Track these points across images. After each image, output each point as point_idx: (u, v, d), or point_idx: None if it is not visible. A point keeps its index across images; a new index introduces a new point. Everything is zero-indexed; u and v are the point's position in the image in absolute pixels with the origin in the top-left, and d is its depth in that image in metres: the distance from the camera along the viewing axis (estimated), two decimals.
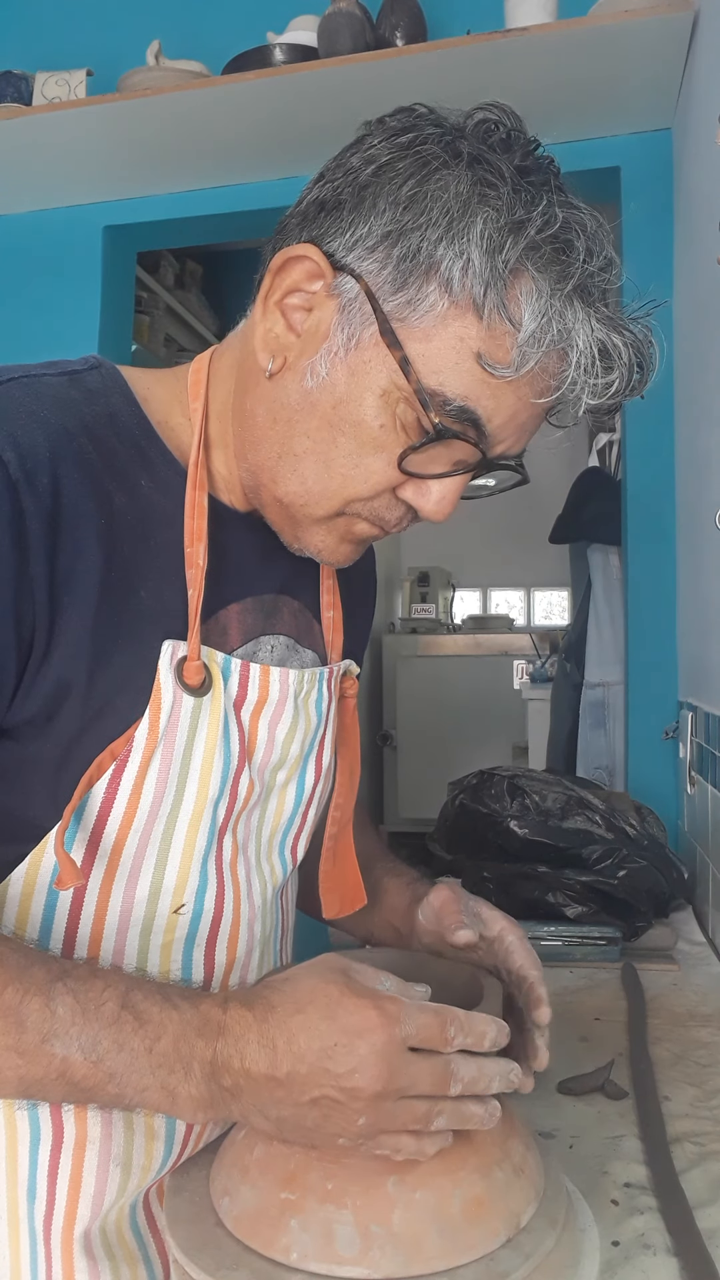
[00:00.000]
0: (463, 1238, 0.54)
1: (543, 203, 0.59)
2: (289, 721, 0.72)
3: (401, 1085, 0.52)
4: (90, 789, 0.62)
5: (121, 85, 1.93)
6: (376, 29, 1.82)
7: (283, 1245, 0.54)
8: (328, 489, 0.64)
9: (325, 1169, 0.55)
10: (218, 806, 0.67)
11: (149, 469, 0.66)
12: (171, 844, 0.66)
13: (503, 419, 0.61)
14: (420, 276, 0.59)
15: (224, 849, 0.69)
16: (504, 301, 0.58)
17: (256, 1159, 0.58)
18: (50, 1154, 0.66)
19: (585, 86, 1.81)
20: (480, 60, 1.72)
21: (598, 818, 1.41)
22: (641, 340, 0.61)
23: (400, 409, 0.61)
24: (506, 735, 4.44)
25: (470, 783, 1.54)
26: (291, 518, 0.67)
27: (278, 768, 0.73)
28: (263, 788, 0.72)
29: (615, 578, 2.69)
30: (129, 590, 0.62)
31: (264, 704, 0.70)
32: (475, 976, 0.66)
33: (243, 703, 0.68)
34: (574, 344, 0.59)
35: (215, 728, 0.66)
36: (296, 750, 0.74)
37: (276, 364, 0.64)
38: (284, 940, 0.81)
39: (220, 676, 0.66)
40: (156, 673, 0.63)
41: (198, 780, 0.66)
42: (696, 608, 1.70)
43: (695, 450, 1.69)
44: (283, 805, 0.75)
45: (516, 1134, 0.61)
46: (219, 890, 0.69)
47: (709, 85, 1.54)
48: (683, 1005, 1.13)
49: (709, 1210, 0.70)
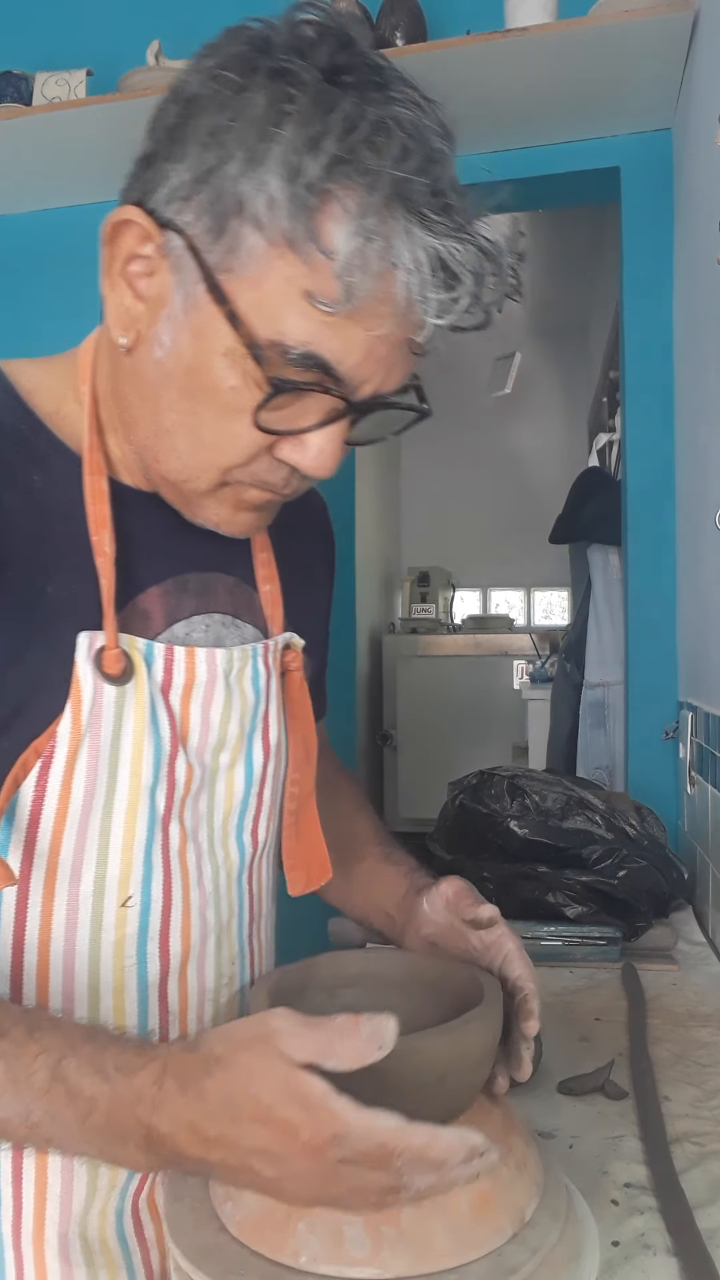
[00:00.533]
0: (471, 1235, 0.54)
1: (345, 106, 0.52)
2: (222, 701, 0.69)
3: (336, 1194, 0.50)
4: (18, 789, 0.61)
5: (121, 85, 1.93)
6: (376, 29, 1.82)
7: (291, 1249, 0.53)
8: (202, 461, 0.62)
9: None
10: (155, 794, 0.65)
11: (39, 463, 0.63)
12: (110, 837, 0.64)
13: (357, 357, 0.57)
14: (234, 219, 0.54)
15: (170, 837, 0.67)
16: (314, 230, 0.52)
17: None
18: (11, 1160, 0.65)
19: (585, 86, 1.81)
20: (480, 60, 1.72)
21: (598, 818, 1.41)
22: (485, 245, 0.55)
23: (249, 368, 0.57)
24: (506, 735, 4.45)
25: (470, 783, 1.54)
26: (181, 494, 0.65)
27: (218, 750, 0.70)
28: (204, 771, 0.70)
29: (615, 578, 2.69)
30: (33, 589, 0.61)
31: (192, 686, 0.67)
32: (474, 977, 0.66)
33: (170, 687, 0.66)
34: (401, 262, 0.53)
35: (142, 714, 0.64)
36: (236, 730, 0.71)
37: (130, 338, 0.61)
38: (254, 926, 0.77)
39: (143, 663, 0.64)
40: (74, 666, 0.61)
41: (129, 769, 0.64)
42: (696, 608, 1.70)
43: (695, 450, 1.69)
44: (232, 788, 0.72)
45: (516, 1130, 0.61)
46: (165, 879, 0.67)
47: (709, 85, 1.54)
48: (683, 1005, 1.13)
49: (709, 1210, 0.70)
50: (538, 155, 2.04)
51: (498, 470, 5.65)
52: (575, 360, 5.45)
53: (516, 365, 4.60)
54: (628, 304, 2.02)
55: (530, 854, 1.40)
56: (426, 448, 5.79)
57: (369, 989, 0.70)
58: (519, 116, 1.91)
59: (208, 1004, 0.71)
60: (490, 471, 5.67)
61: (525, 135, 1.99)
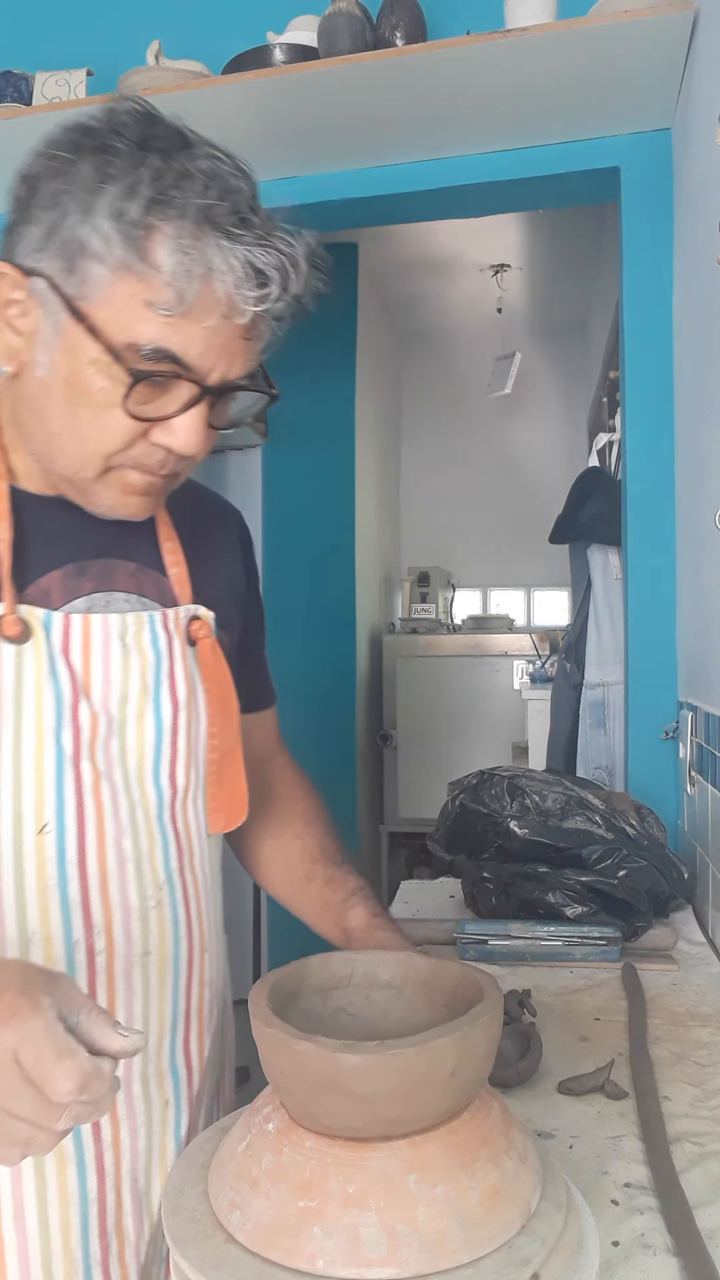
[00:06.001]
0: (483, 1228, 0.55)
1: (154, 162, 0.68)
2: (120, 658, 0.81)
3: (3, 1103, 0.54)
4: None
5: (121, 85, 1.93)
6: (376, 29, 1.82)
7: (307, 1254, 0.53)
8: (85, 452, 0.75)
9: (344, 1173, 0.55)
10: (60, 736, 0.78)
11: None
12: (21, 770, 0.76)
13: (199, 348, 0.71)
14: (79, 259, 0.69)
15: (83, 774, 0.79)
16: (144, 254, 0.68)
17: (266, 1170, 0.57)
18: None
19: (585, 86, 1.81)
20: (480, 60, 1.72)
21: (598, 818, 1.41)
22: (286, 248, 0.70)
23: (113, 370, 0.71)
24: (506, 735, 4.44)
25: (470, 783, 1.54)
26: (77, 487, 0.79)
27: (123, 701, 0.82)
28: (110, 719, 0.81)
29: (615, 578, 2.69)
30: None
31: (89, 646, 0.80)
32: (468, 975, 0.66)
33: (68, 648, 0.79)
34: (215, 267, 0.68)
35: (41, 668, 0.77)
36: (138, 684, 0.83)
37: (14, 366, 0.75)
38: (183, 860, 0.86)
39: (41, 628, 0.78)
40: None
41: (34, 713, 0.77)
42: (696, 608, 1.70)
43: (695, 450, 1.69)
44: (142, 735, 0.83)
45: (514, 1123, 0.62)
46: (79, 809, 0.79)
47: (709, 85, 1.54)
48: (683, 1005, 1.13)
49: (709, 1210, 0.70)
50: (538, 155, 2.04)
51: (498, 470, 5.64)
52: (575, 360, 5.45)
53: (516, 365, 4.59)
54: (628, 304, 2.02)
55: (530, 854, 1.40)
56: (426, 448, 5.79)
57: (360, 989, 0.70)
58: (519, 116, 1.91)
59: (134, 921, 0.82)
60: (490, 471, 5.66)
61: (525, 135, 1.99)
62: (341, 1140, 0.56)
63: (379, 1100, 0.55)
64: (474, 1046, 0.57)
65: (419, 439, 5.83)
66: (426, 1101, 0.56)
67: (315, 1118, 0.57)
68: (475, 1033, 0.57)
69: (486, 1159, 0.57)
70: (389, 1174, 0.55)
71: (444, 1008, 0.68)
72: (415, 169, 2.10)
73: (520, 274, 4.70)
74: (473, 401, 5.23)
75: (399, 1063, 0.54)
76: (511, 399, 4.90)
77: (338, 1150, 0.56)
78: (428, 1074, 0.55)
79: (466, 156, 2.07)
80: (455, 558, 5.56)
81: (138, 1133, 0.81)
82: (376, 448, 5.01)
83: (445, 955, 1.05)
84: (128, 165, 0.68)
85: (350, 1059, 0.54)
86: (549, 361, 5.54)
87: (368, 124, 1.94)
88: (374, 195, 2.12)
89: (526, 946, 1.30)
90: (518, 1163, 0.59)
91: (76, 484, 0.78)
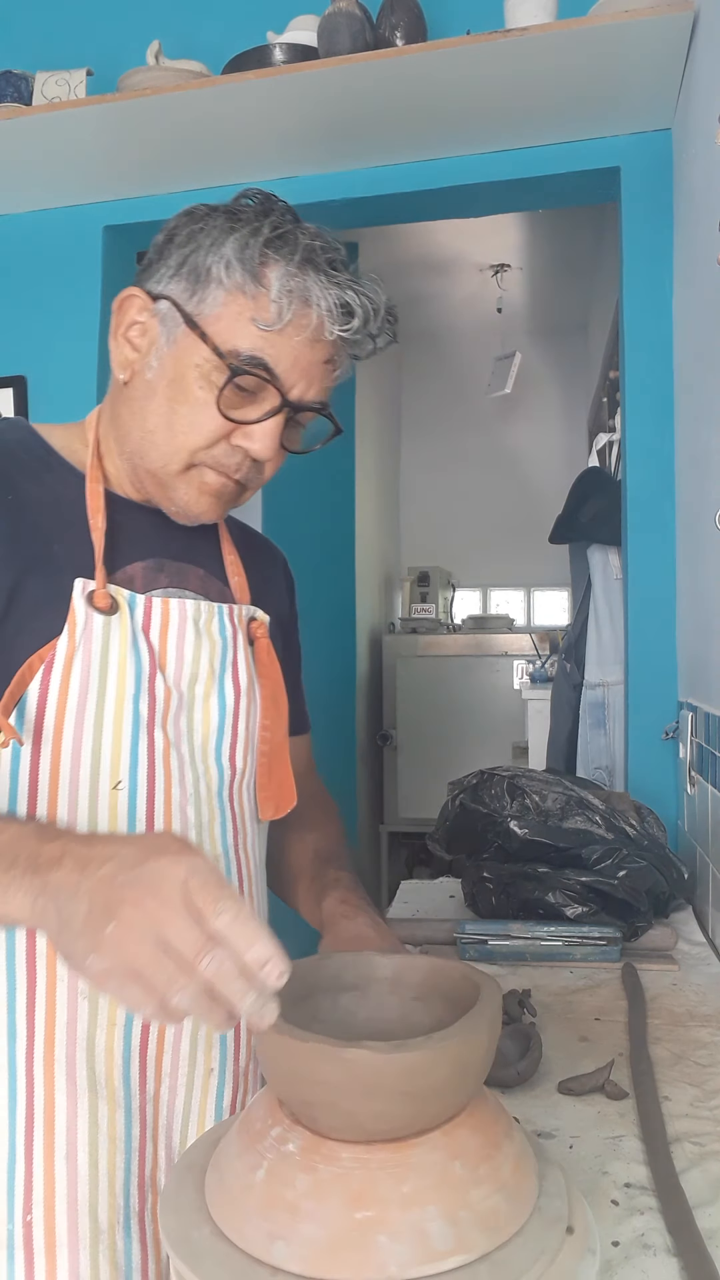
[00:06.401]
0: (519, 1196, 0.57)
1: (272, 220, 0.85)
2: (193, 640, 0.90)
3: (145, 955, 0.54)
4: (26, 689, 0.81)
5: (121, 85, 1.93)
6: (376, 29, 1.82)
7: (377, 1264, 0.52)
8: (175, 446, 0.87)
9: (394, 1174, 0.55)
10: (139, 702, 0.85)
11: (52, 471, 0.90)
12: (103, 729, 0.83)
13: (287, 363, 0.84)
14: (203, 283, 0.84)
15: (155, 740, 0.86)
16: (257, 278, 0.83)
17: (304, 1191, 0.55)
18: (26, 994, 0.80)
19: (585, 87, 1.81)
20: (480, 60, 1.72)
21: (598, 818, 1.41)
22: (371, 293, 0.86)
23: (213, 375, 0.84)
24: (506, 735, 4.44)
25: (470, 783, 1.54)
26: (160, 482, 0.89)
27: (193, 681, 0.90)
28: (181, 696, 0.89)
29: (615, 578, 2.69)
30: (43, 544, 0.85)
31: (167, 626, 0.89)
32: (467, 977, 0.66)
33: (149, 627, 0.88)
34: (312, 296, 0.83)
35: (125, 640, 0.85)
36: (207, 666, 0.91)
37: (127, 375, 0.89)
38: (238, 839, 0.93)
39: (126, 606, 0.86)
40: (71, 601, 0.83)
41: (116, 678, 0.84)
42: (696, 608, 1.70)
43: (695, 450, 1.69)
44: (208, 714, 0.91)
45: (503, 1109, 0.64)
46: (150, 771, 0.85)
47: (709, 85, 1.54)
48: (683, 1005, 1.13)
49: (709, 1210, 0.70)
50: (538, 155, 2.04)
51: (498, 470, 5.64)
52: (575, 360, 5.45)
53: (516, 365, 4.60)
54: (628, 304, 2.02)
55: (530, 854, 1.40)
56: (426, 448, 5.79)
57: (328, 994, 0.69)
58: (519, 116, 1.91)
59: None
60: (490, 471, 5.66)
61: (525, 135, 1.99)
62: (379, 1144, 0.56)
63: (430, 1095, 0.56)
64: (478, 1047, 0.58)
65: (419, 439, 5.83)
66: (467, 1090, 0.58)
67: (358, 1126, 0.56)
68: (479, 1033, 0.58)
69: (504, 1132, 0.60)
70: (437, 1166, 0.55)
71: (414, 1000, 0.68)
72: (415, 169, 2.10)
73: (520, 274, 4.70)
74: (473, 401, 5.24)
75: (450, 1054, 0.55)
76: (511, 399, 4.91)
77: (379, 1154, 0.56)
78: (470, 1062, 0.57)
79: (466, 156, 2.07)
80: (455, 558, 5.56)
81: (177, 1091, 0.85)
82: (376, 448, 5.01)
83: (445, 955, 1.05)
84: (252, 218, 0.85)
85: (408, 1057, 0.54)
86: (549, 361, 5.54)
87: (368, 124, 1.94)
88: (374, 195, 2.12)
89: (526, 946, 1.30)
90: (520, 1134, 0.62)
91: (161, 478, 0.89)
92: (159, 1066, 0.84)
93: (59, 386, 2.27)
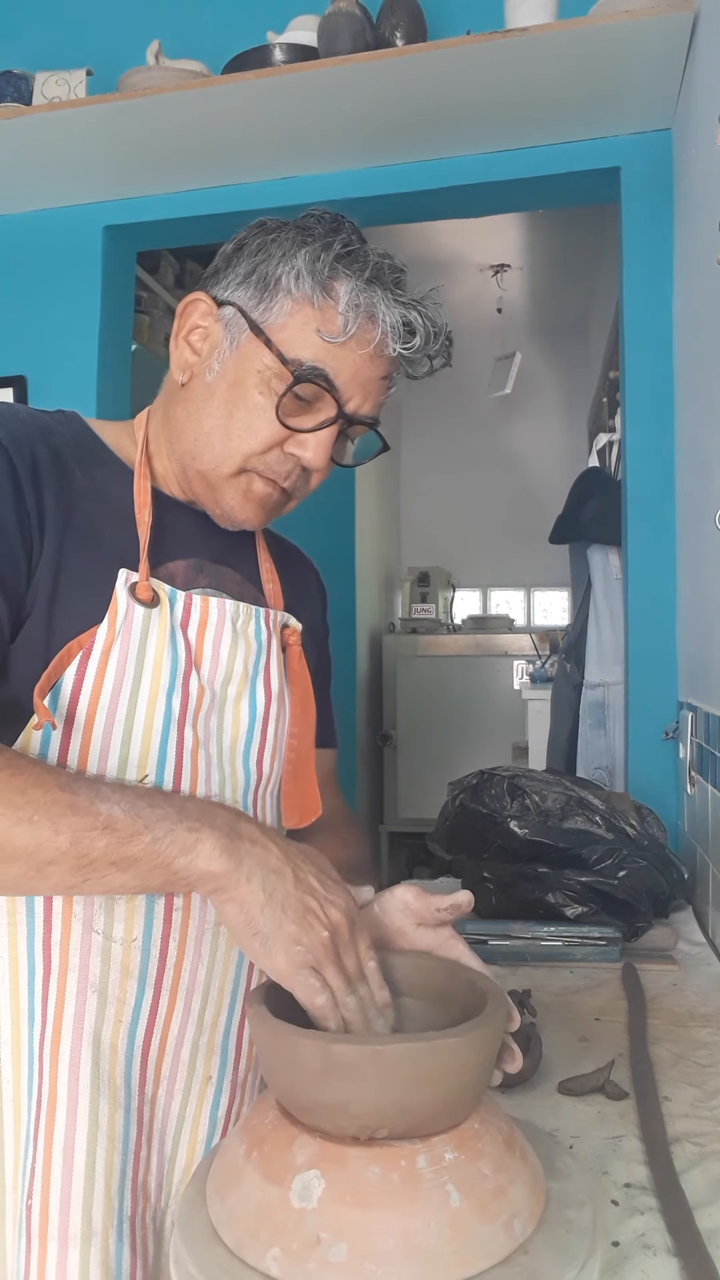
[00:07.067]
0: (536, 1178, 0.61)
1: (342, 237, 0.87)
2: (229, 641, 0.91)
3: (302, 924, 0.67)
4: (63, 673, 0.81)
5: (121, 85, 1.93)
6: (376, 29, 1.82)
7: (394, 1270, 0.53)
8: (229, 449, 0.88)
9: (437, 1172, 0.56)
10: (171, 698, 0.85)
11: (103, 465, 0.90)
12: (134, 721, 0.83)
13: (347, 375, 0.85)
14: (271, 292, 0.86)
15: (185, 738, 0.86)
16: (326, 291, 0.84)
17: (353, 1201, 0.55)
18: (42, 981, 0.81)
19: (585, 87, 1.81)
20: (480, 60, 1.72)
21: (598, 818, 1.41)
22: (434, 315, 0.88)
23: (274, 382, 0.85)
24: (506, 735, 4.44)
25: (470, 783, 1.54)
26: (209, 484, 0.90)
27: (226, 681, 0.90)
28: (213, 695, 0.89)
29: (615, 578, 2.69)
30: (92, 533, 0.85)
31: (205, 624, 0.89)
32: (473, 984, 0.67)
33: (188, 624, 0.88)
34: (377, 312, 0.85)
35: (164, 635, 0.85)
36: (241, 667, 0.91)
37: (186, 377, 0.90)
38: None
39: (167, 600, 0.87)
40: (114, 590, 0.84)
41: (151, 672, 0.84)
42: (696, 608, 1.70)
43: (695, 450, 1.69)
44: (239, 716, 0.91)
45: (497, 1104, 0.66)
46: (176, 769, 0.85)
47: (709, 85, 1.54)
48: (683, 1005, 1.13)
49: (709, 1210, 0.70)
50: (538, 155, 2.04)
51: (498, 470, 5.64)
52: (575, 360, 5.45)
53: (516, 365, 4.59)
54: (628, 304, 2.02)
55: (530, 854, 1.40)
56: (426, 448, 5.79)
57: None
58: (519, 116, 1.91)
59: None
60: (490, 471, 5.66)
61: (525, 135, 1.99)
62: (405, 1143, 0.57)
63: (467, 1084, 0.58)
64: (486, 1047, 0.61)
65: (419, 439, 5.82)
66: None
67: (392, 1124, 0.56)
68: (489, 1035, 0.60)
69: (502, 1116, 0.62)
70: (469, 1158, 0.57)
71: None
72: (415, 169, 2.10)
73: (520, 274, 4.70)
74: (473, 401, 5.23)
75: (480, 1043, 0.58)
76: (512, 399, 4.90)
77: (407, 1156, 0.56)
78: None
79: (466, 156, 2.07)
80: (455, 558, 5.56)
81: (174, 1096, 0.85)
82: None
83: None
84: (324, 234, 0.87)
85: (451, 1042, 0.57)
86: (549, 361, 5.54)
87: (368, 124, 1.94)
88: (374, 195, 2.13)
89: (527, 947, 1.30)
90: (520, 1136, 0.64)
91: (211, 480, 0.90)
92: (159, 1069, 0.84)
93: (59, 386, 2.27)
